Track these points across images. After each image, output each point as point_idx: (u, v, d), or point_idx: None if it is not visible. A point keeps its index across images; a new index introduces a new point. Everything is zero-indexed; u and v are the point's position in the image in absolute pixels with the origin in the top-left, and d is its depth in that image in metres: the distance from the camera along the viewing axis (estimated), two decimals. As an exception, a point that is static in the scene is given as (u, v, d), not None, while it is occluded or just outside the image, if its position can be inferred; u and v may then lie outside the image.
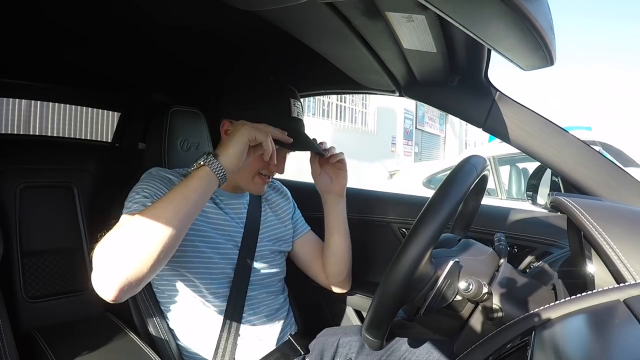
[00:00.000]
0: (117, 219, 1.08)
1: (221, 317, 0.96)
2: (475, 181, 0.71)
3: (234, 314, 0.96)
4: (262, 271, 1.03)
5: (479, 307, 0.71)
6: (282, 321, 1.05)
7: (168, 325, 0.98)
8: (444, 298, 0.68)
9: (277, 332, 1.03)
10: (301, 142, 0.95)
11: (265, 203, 1.12)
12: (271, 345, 1.01)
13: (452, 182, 0.67)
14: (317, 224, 1.31)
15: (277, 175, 1.06)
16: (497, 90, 0.98)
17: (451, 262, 0.68)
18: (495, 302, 0.70)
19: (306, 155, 1.05)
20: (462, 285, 0.67)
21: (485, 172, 0.78)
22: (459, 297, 0.69)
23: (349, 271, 1.15)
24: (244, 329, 0.97)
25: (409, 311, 0.75)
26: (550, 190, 1.12)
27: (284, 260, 1.11)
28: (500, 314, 0.69)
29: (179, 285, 0.95)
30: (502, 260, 0.82)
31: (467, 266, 0.72)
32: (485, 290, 0.66)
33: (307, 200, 1.29)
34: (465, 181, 0.68)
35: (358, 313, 1.29)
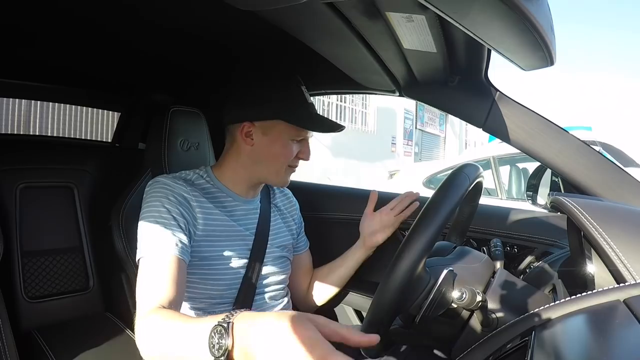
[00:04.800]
0: (116, 219, 1.09)
1: None
2: (468, 190, 0.71)
3: None
4: (270, 277, 1.03)
5: (475, 314, 0.71)
6: (283, 322, 1.04)
7: (169, 325, 0.98)
8: (439, 307, 0.69)
9: (278, 333, 1.02)
10: (323, 124, 0.98)
11: (275, 209, 1.12)
12: (271, 346, 1.00)
13: (444, 193, 0.68)
14: (316, 224, 1.31)
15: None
16: (497, 90, 0.98)
17: (445, 271, 0.68)
18: (491, 309, 0.70)
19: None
20: (455, 294, 0.67)
21: (480, 179, 0.79)
22: (453, 306, 0.69)
23: (325, 301, 1.19)
24: None
25: (406, 319, 0.75)
26: (550, 190, 1.12)
27: (289, 265, 1.11)
28: (495, 321, 0.69)
29: (186, 288, 0.94)
30: (498, 266, 0.83)
31: (461, 274, 0.72)
32: (479, 298, 0.66)
33: (307, 200, 1.29)
34: (457, 192, 0.68)
35: (358, 313, 1.29)
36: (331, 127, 0.98)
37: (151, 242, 0.83)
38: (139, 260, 0.84)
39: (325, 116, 1.02)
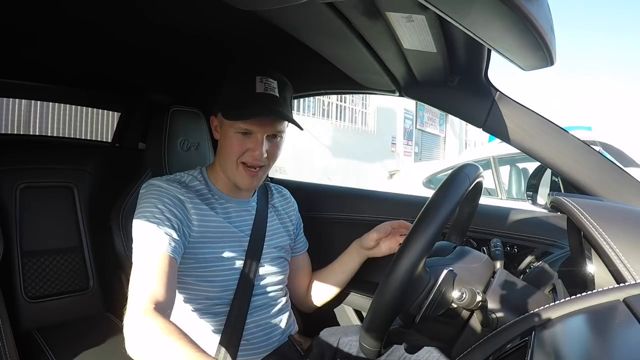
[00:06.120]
0: (116, 219, 1.09)
1: (224, 320, 0.95)
2: (468, 190, 0.71)
3: (237, 318, 0.96)
4: (267, 278, 1.03)
5: (475, 314, 0.71)
6: (283, 322, 1.04)
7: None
8: (439, 307, 0.69)
9: (278, 333, 1.02)
10: (261, 113, 0.91)
11: (272, 210, 1.11)
12: (272, 346, 1.00)
13: (444, 193, 0.68)
14: (316, 224, 1.31)
15: (278, 175, 1.06)
16: (497, 90, 0.98)
17: (445, 271, 0.68)
18: (491, 309, 0.70)
19: (306, 156, 1.05)
20: (455, 294, 0.67)
21: (480, 179, 0.79)
22: (454, 306, 0.69)
23: (324, 302, 1.19)
24: (246, 331, 0.97)
25: (406, 319, 0.75)
26: (550, 190, 1.12)
27: (287, 265, 1.11)
28: (495, 321, 0.69)
29: (183, 290, 0.94)
30: (498, 266, 0.83)
31: (461, 274, 0.72)
32: (479, 298, 0.66)
33: (307, 200, 1.29)
34: (457, 192, 0.68)
35: (358, 313, 1.29)
36: (267, 114, 0.92)
37: (144, 240, 0.83)
38: (133, 256, 0.83)
39: (275, 105, 0.93)
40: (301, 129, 1.00)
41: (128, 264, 1.02)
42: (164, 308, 0.73)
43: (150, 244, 0.82)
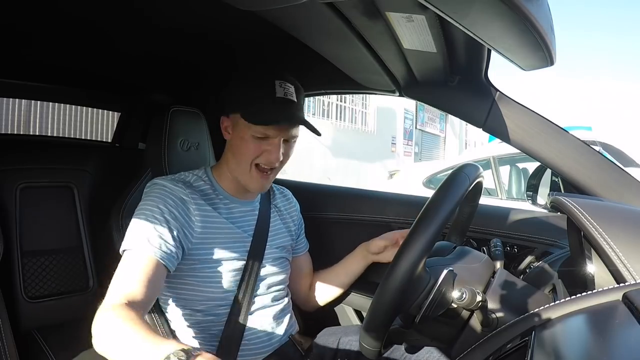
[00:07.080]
0: (116, 219, 1.09)
1: (224, 320, 0.95)
2: (468, 190, 0.71)
3: (238, 318, 0.96)
4: (268, 278, 1.03)
5: (475, 314, 0.71)
6: (284, 322, 1.04)
7: (169, 326, 0.98)
8: (439, 307, 0.69)
9: (278, 333, 1.02)
10: (285, 118, 0.92)
11: (275, 210, 1.11)
12: (273, 346, 1.00)
13: (444, 193, 0.68)
14: (317, 224, 1.31)
15: (278, 175, 1.05)
16: (497, 90, 0.98)
17: (445, 271, 0.69)
18: (491, 309, 0.70)
19: (306, 156, 1.05)
20: (455, 294, 0.67)
21: (480, 179, 0.79)
22: (453, 306, 0.69)
23: (325, 302, 1.20)
24: (247, 331, 0.97)
25: (406, 319, 0.75)
26: (550, 190, 1.12)
27: (289, 265, 1.11)
28: (495, 321, 0.69)
29: (183, 291, 0.95)
30: (498, 266, 0.83)
31: (461, 274, 0.72)
32: (479, 298, 0.66)
33: (307, 200, 1.29)
34: (457, 192, 0.68)
35: (358, 313, 1.29)
36: (291, 120, 0.93)
37: (138, 238, 0.83)
38: (123, 251, 0.83)
39: (292, 110, 0.94)
40: (319, 134, 0.99)
41: (128, 264, 1.02)
42: (137, 308, 0.73)
43: (141, 246, 0.82)
